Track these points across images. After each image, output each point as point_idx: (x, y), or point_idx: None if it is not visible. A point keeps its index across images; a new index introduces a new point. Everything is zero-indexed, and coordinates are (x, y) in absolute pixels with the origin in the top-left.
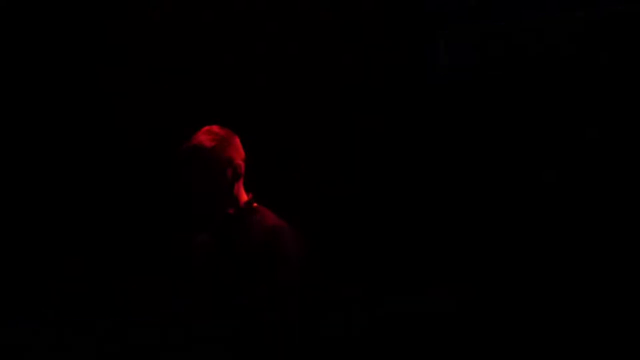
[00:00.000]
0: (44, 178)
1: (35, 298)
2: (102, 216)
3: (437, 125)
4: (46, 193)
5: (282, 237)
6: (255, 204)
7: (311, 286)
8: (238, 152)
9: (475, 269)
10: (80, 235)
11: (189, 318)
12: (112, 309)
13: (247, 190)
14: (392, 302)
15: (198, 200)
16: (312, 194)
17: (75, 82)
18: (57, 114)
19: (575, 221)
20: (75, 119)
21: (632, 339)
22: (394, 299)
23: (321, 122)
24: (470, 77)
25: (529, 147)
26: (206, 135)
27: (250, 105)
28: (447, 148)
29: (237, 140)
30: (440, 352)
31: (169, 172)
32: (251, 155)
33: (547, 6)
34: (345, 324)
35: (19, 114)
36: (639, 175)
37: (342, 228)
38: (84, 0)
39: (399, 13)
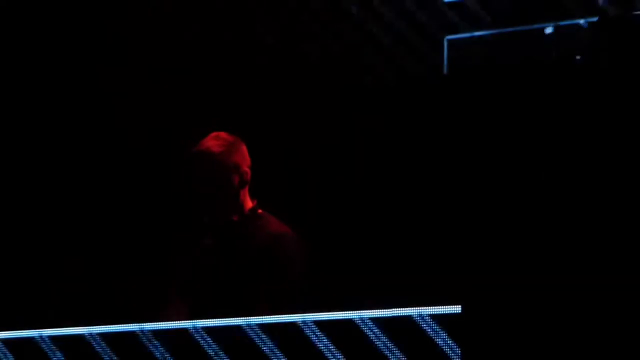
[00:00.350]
0: (44, 178)
1: (35, 298)
2: (102, 216)
3: (437, 125)
4: (46, 193)
5: (285, 243)
6: (260, 211)
7: (311, 289)
8: (245, 159)
9: (475, 269)
10: (80, 235)
11: (188, 319)
12: (112, 309)
13: (252, 196)
14: (392, 303)
15: (203, 204)
16: (312, 194)
17: (75, 82)
18: (57, 113)
19: (576, 221)
20: (75, 119)
21: (632, 339)
22: (394, 299)
23: (321, 122)
24: (471, 79)
25: (529, 148)
26: (214, 141)
27: (250, 105)
28: (447, 149)
29: (244, 147)
30: (441, 353)
31: (175, 175)
32: (250, 155)
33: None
34: (345, 324)
35: (19, 114)
36: None
37: (342, 228)
38: (84, 0)
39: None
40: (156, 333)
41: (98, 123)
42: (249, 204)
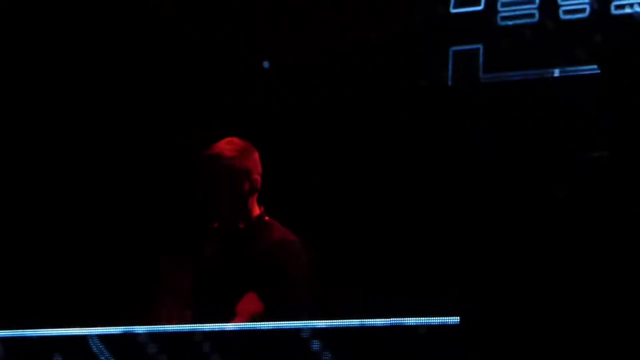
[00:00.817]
0: (44, 178)
1: (35, 298)
2: (103, 216)
3: (441, 136)
4: (46, 193)
5: (287, 249)
6: (267, 218)
7: (315, 298)
8: (256, 166)
9: (474, 280)
10: (80, 235)
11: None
12: (112, 309)
13: (260, 204)
14: (394, 310)
15: (211, 208)
16: (314, 203)
17: (75, 82)
18: (57, 114)
19: (581, 233)
20: (75, 119)
21: (633, 348)
22: (396, 306)
23: (322, 124)
24: (476, 90)
25: (534, 160)
26: (227, 145)
27: (251, 105)
28: (452, 159)
29: (257, 155)
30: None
31: (183, 178)
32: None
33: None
34: (343, 332)
35: (19, 114)
36: None
37: (341, 234)
38: (84, 0)
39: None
40: (154, 336)
41: (98, 123)
42: (257, 211)
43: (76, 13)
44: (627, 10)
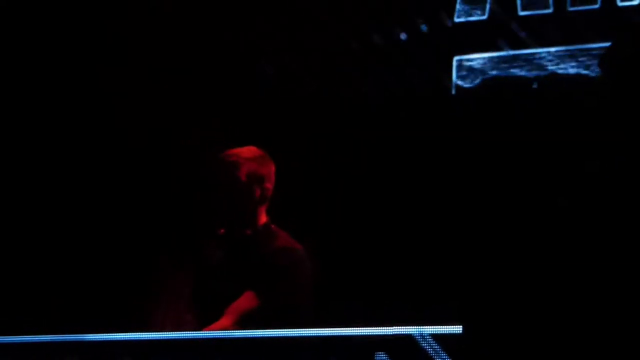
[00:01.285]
0: (44, 178)
1: (36, 299)
2: (102, 216)
3: (445, 145)
4: (46, 193)
5: (292, 258)
6: (273, 226)
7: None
8: (270, 177)
9: (477, 289)
10: (79, 236)
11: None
12: (112, 310)
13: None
14: (397, 319)
15: (220, 212)
16: (313, 205)
17: (75, 82)
18: (58, 114)
19: (585, 241)
20: (75, 119)
21: (634, 354)
22: (397, 316)
23: (324, 127)
24: (478, 99)
25: (537, 169)
26: (244, 150)
27: (252, 106)
28: (455, 169)
29: (273, 167)
30: None
31: (186, 180)
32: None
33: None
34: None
35: (19, 114)
36: None
37: (345, 242)
38: (84, 0)
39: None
40: (156, 343)
41: (98, 123)
42: (264, 219)
43: (76, 13)
44: None
